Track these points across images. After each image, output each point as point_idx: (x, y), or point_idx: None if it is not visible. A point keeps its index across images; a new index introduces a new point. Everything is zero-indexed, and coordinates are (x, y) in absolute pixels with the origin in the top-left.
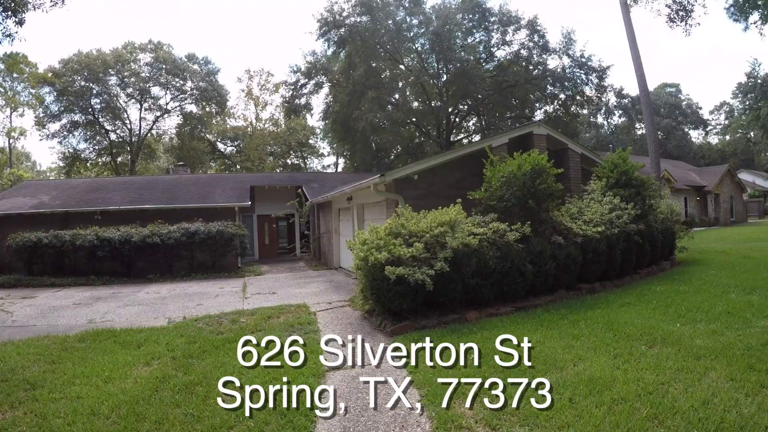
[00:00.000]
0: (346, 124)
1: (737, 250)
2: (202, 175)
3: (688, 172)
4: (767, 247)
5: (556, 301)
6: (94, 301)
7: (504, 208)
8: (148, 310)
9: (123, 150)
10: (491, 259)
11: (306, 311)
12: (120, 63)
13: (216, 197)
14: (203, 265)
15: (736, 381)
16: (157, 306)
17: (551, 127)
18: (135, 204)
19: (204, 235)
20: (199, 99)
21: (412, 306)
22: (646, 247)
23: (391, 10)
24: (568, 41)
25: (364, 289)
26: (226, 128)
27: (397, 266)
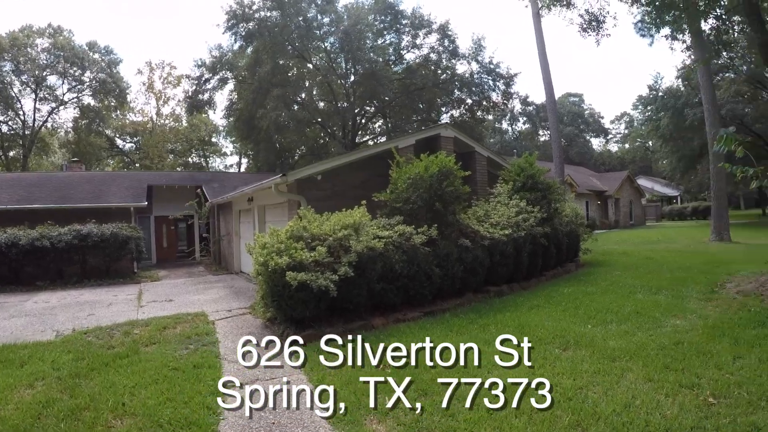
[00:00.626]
0: (250, 122)
1: (638, 252)
2: (97, 173)
3: (589, 178)
4: (666, 249)
5: (465, 305)
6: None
7: (410, 211)
8: (36, 322)
9: (14, 144)
10: (397, 262)
11: (204, 320)
12: (16, 47)
13: (111, 197)
14: (97, 271)
15: (654, 382)
16: (46, 317)
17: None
18: (23, 203)
19: (97, 237)
20: (98, 91)
21: (316, 313)
22: (552, 249)
23: (302, 7)
24: (478, 47)
25: (264, 295)
26: (126, 123)
27: (299, 271)
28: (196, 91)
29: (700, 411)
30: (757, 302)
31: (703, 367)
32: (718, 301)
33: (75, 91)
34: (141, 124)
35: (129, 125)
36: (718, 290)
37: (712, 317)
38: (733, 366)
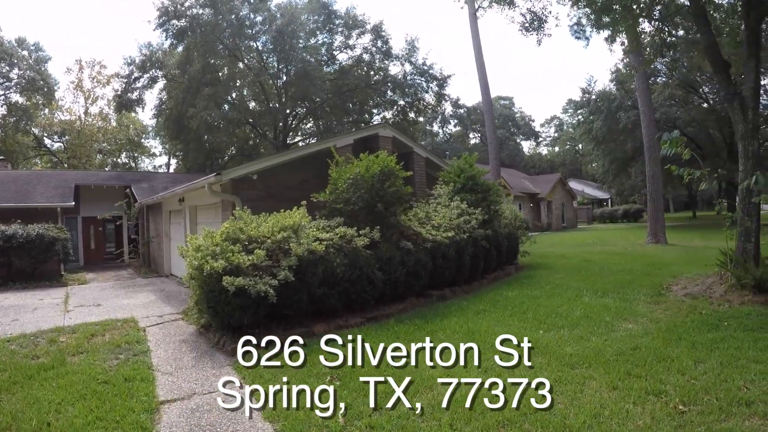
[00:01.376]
0: (180, 121)
1: (576, 254)
2: (22, 172)
3: (522, 180)
4: (603, 251)
5: (408, 310)
6: None
7: (351, 212)
8: None
9: None
10: (339, 266)
11: (134, 327)
12: None
13: (37, 196)
14: (22, 273)
15: (619, 390)
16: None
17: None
18: None
19: (22, 238)
20: (26, 88)
21: (254, 320)
22: (493, 252)
23: (235, 5)
24: (412, 48)
25: (199, 301)
26: (54, 122)
27: (236, 276)
28: (126, 89)
29: (672, 420)
30: (707, 305)
31: (666, 373)
32: (667, 304)
33: (2, 88)
34: (69, 123)
35: (57, 124)
36: (665, 293)
37: (664, 321)
38: (696, 371)
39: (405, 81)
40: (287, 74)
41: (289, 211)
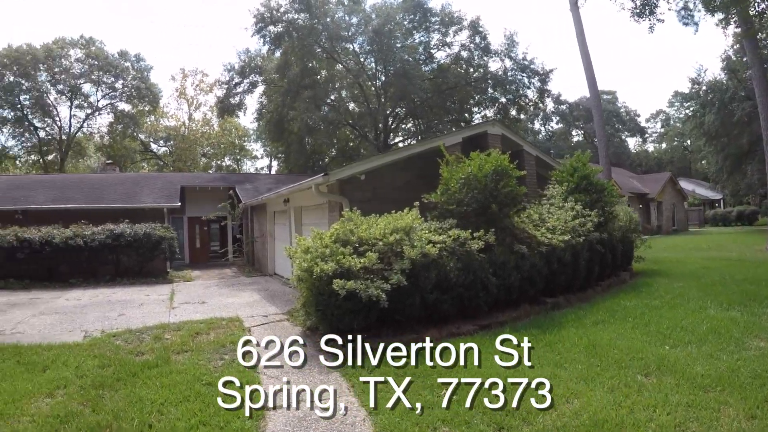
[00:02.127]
0: (281, 124)
1: (691, 260)
2: (129, 174)
3: (630, 179)
4: (719, 257)
5: (522, 318)
6: (8, 308)
7: (463, 213)
8: (65, 321)
9: (52, 148)
10: (452, 270)
11: (239, 326)
12: (51, 58)
13: (144, 197)
14: (130, 270)
15: (759, 419)
16: (76, 316)
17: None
18: (58, 203)
19: (130, 237)
20: (131, 97)
21: (365, 324)
22: (607, 256)
23: (330, 8)
24: (511, 43)
25: (306, 303)
26: (159, 128)
27: (347, 279)
28: (227, 95)
29: None
30: None
31: None
32: None
33: (109, 98)
34: (174, 129)
35: (162, 129)
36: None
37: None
38: None
39: (506, 77)
40: (385, 74)
41: (400, 213)
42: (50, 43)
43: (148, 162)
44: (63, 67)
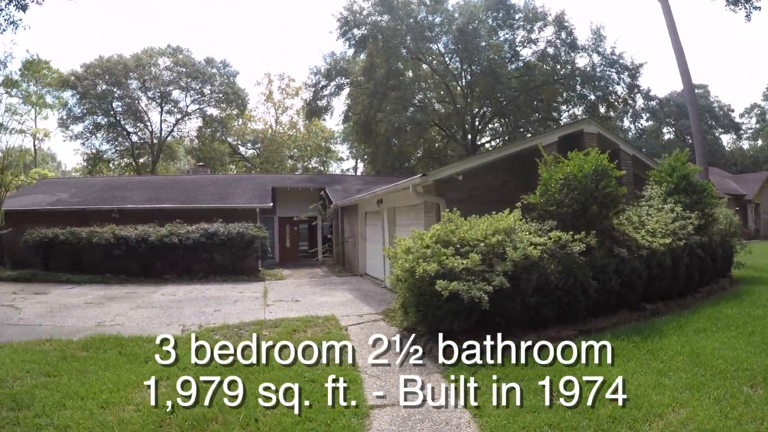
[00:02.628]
0: (368, 126)
1: None
2: (221, 176)
3: (725, 179)
4: None
5: (621, 324)
6: (106, 301)
7: (562, 215)
8: (162, 315)
9: (144, 151)
10: (553, 273)
11: (335, 325)
12: (140, 67)
13: (236, 198)
14: (222, 268)
15: None
16: (172, 310)
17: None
18: (153, 203)
19: (224, 236)
20: (219, 102)
21: (465, 326)
22: (708, 261)
23: (412, 9)
24: (598, 37)
25: (405, 303)
26: (246, 131)
27: (449, 280)
28: (314, 97)
29: None
30: None
31: None
32: None
33: (197, 103)
34: (261, 132)
35: (250, 132)
36: None
37: None
38: None
39: (594, 73)
40: (471, 74)
41: (500, 214)
42: (139, 53)
43: (236, 164)
44: (152, 75)
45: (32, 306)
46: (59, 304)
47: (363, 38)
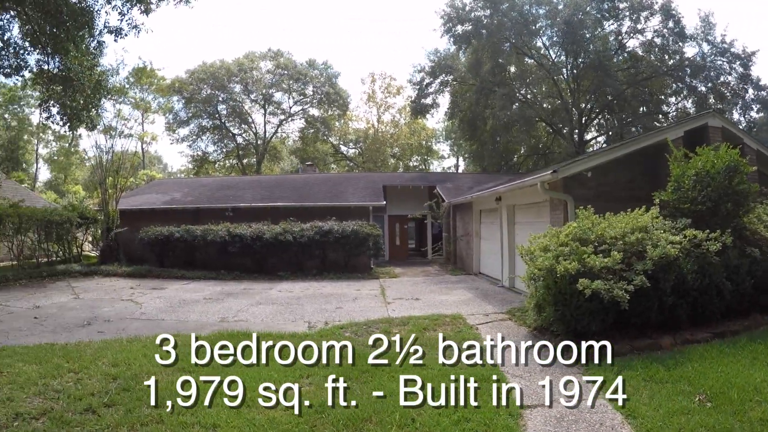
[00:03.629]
0: (473, 123)
1: None
2: (332, 174)
3: None
4: None
5: (754, 328)
6: (224, 297)
7: (695, 212)
8: (284, 311)
9: (249, 152)
10: (689, 273)
11: (464, 324)
12: (243, 71)
13: (348, 196)
14: (335, 265)
15: None
16: (293, 307)
17: (725, 119)
18: (266, 201)
19: (338, 234)
20: (321, 102)
21: (602, 326)
22: None
23: (515, 2)
24: (707, 25)
25: (541, 303)
26: (348, 130)
27: (591, 279)
28: (419, 95)
29: None
30: None
31: None
32: None
33: (300, 104)
34: (363, 131)
35: (352, 132)
36: None
37: None
38: None
39: (704, 63)
40: (576, 67)
41: (636, 211)
42: (241, 57)
43: (338, 164)
44: (255, 78)
45: (152, 301)
46: (178, 299)
47: (467, 34)
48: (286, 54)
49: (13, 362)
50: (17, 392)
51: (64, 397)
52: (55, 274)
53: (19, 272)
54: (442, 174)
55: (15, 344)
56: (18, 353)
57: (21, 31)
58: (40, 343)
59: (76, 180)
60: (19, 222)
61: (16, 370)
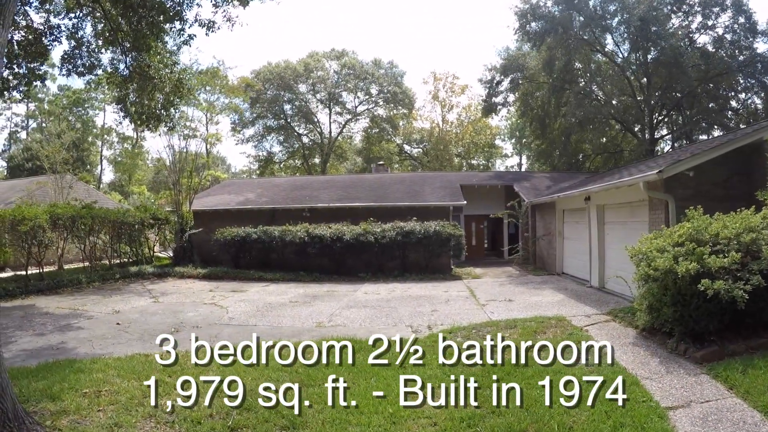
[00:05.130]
0: (543, 121)
1: None
2: (406, 174)
3: None
4: None
5: None
6: (311, 300)
7: None
8: (379, 315)
9: (314, 152)
10: None
11: (571, 325)
12: (308, 71)
13: (426, 196)
14: (416, 266)
15: None
16: (387, 310)
17: None
18: (343, 202)
19: (420, 234)
20: (387, 101)
21: (717, 327)
22: None
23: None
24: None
25: (654, 304)
26: (413, 130)
27: (712, 279)
28: (490, 94)
29: None
30: None
31: None
32: None
33: (366, 104)
34: (428, 131)
35: (416, 132)
36: None
37: None
38: None
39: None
40: (646, 64)
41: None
42: (305, 57)
43: (401, 164)
44: (320, 78)
45: (236, 305)
46: (263, 302)
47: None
48: (351, 54)
49: (108, 377)
50: (124, 415)
51: (180, 420)
52: (128, 276)
53: (91, 274)
54: (517, 173)
55: (103, 354)
56: (111, 366)
57: (94, 29)
58: (131, 353)
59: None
60: (91, 223)
61: (116, 388)
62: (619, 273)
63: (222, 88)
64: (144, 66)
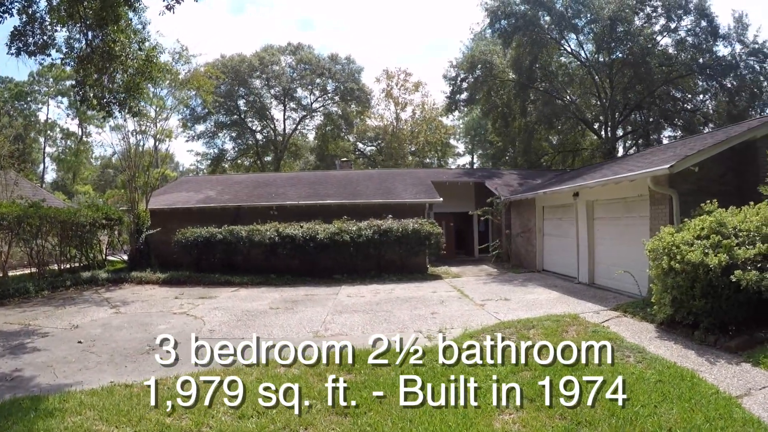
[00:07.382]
0: (506, 119)
1: None
2: (374, 171)
3: None
4: None
5: None
6: (291, 305)
7: None
8: (376, 320)
9: (267, 149)
10: None
11: (589, 323)
12: (263, 65)
13: (400, 193)
14: (391, 265)
15: None
16: (382, 314)
17: None
18: (312, 199)
19: (399, 233)
20: (344, 97)
21: (744, 317)
22: None
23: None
24: (740, 26)
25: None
26: (367, 128)
27: (742, 271)
28: (454, 91)
29: None
30: None
31: None
32: None
33: (321, 100)
34: (381, 129)
35: (370, 129)
36: None
37: None
38: None
39: (736, 63)
40: (610, 64)
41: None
42: (260, 51)
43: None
44: (275, 72)
45: (211, 313)
46: (240, 310)
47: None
48: (307, 48)
49: (88, 423)
50: None
51: None
52: (81, 283)
53: (40, 282)
54: (488, 170)
55: (71, 385)
56: (87, 405)
57: (48, 3)
58: (106, 383)
59: (85, 180)
60: (39, 224)
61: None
62: (613, 268)
63: (190, 78)
64: (109, 42)
